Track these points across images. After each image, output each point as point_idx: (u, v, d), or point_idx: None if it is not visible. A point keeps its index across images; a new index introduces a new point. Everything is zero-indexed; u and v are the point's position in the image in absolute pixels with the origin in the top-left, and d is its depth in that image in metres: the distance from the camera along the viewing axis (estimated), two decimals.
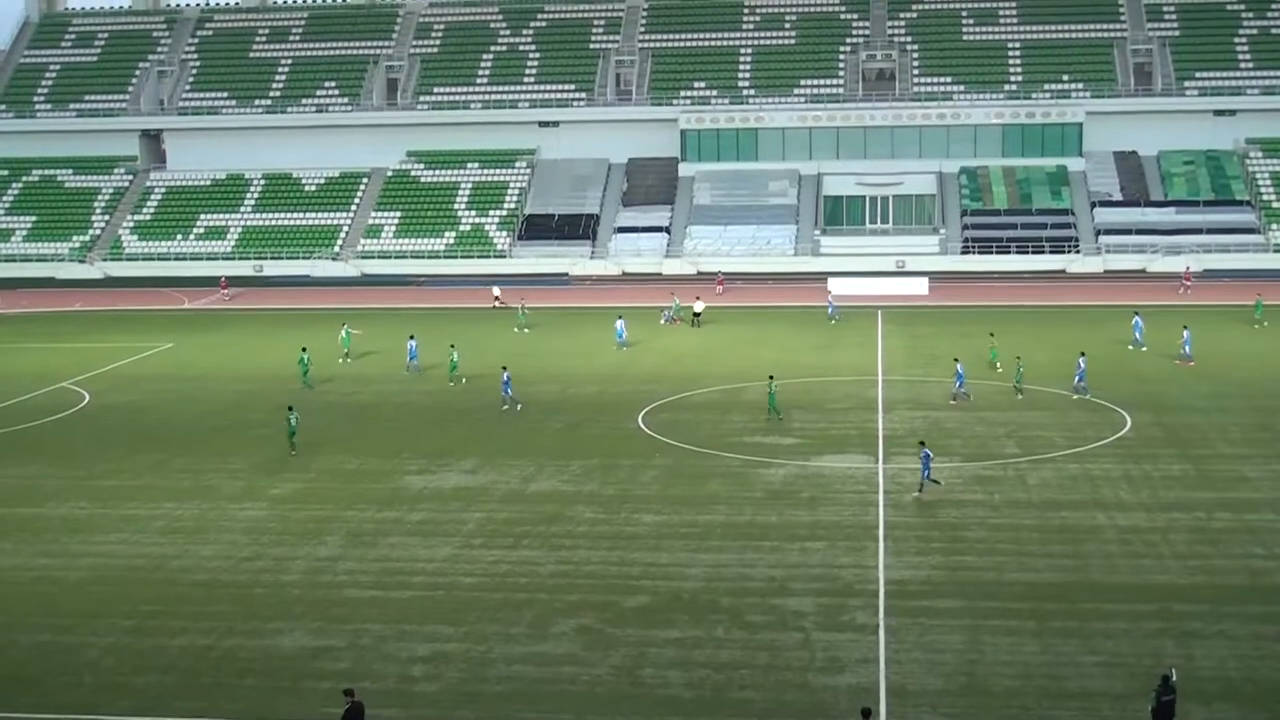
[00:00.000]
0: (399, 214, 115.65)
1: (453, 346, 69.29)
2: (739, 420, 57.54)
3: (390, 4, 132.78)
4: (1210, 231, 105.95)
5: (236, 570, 40.09)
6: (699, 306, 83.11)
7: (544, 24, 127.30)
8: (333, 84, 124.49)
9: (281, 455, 53.13)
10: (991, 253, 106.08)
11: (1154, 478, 47.73)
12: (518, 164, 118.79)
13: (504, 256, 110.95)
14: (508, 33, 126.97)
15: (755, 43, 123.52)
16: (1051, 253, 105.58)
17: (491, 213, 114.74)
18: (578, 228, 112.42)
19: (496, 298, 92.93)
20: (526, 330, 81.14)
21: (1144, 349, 71.49)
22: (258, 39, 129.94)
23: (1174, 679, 28.71)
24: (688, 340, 77.35)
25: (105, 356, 75.10)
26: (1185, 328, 69.94)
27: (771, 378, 58.69)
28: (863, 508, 44.80)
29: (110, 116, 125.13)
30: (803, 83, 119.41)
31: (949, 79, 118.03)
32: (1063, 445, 52.33)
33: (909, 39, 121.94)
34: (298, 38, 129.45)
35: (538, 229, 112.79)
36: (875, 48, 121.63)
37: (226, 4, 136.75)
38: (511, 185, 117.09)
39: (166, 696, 31.65)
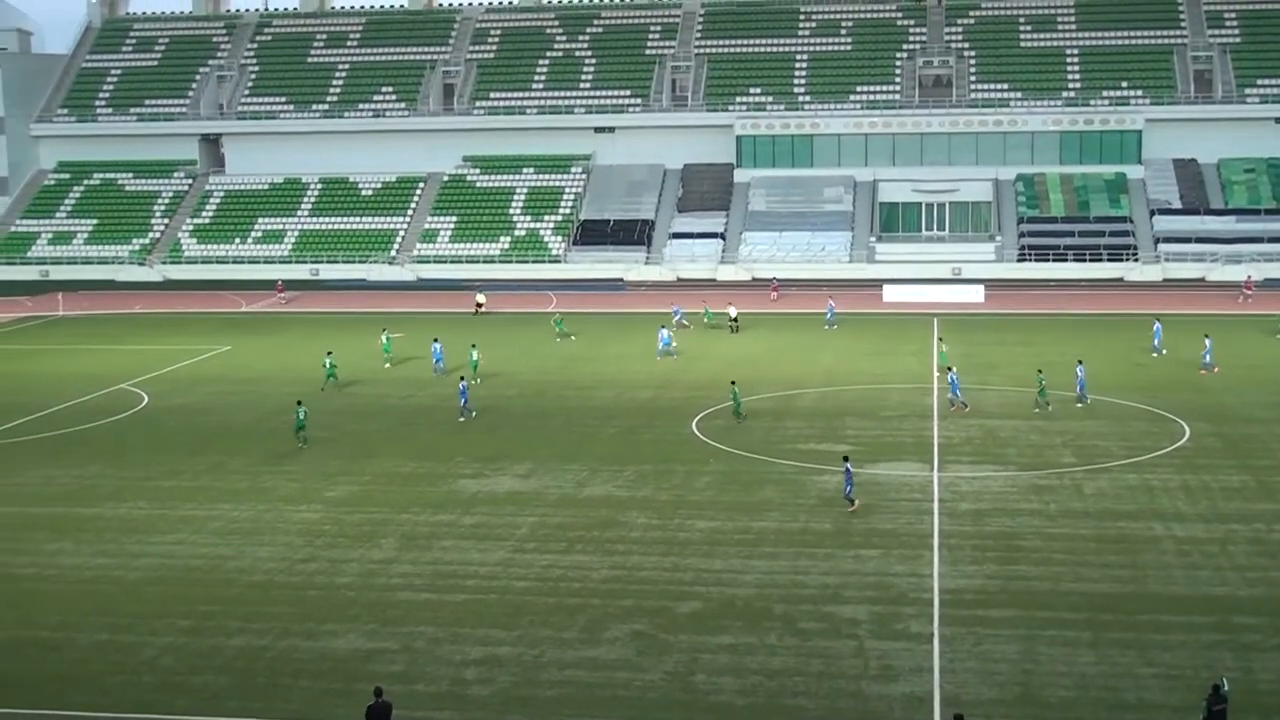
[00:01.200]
0: (455, 219, 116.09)
1: (474, 346, 69.60)
2: (793, 427, 57.42)
3: (447, 9, 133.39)
4: (1271, 240, 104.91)
5: (292, 572, 40.32)
6: (733, 312, 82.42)
7: (600, 29, 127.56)
8: (390, 89, 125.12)
9: (341, 457, 53.44)
10: (1048, 260, 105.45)
11: (1213, 488, 47.29)
12: (573, 169, 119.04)
13: (559, 262, 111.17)
14: (564, 38, 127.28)
15: (811, 49, 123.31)
16: (1109, 261, 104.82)
17: (547, 218, 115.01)
18: (633, 233, 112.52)
19: (479, 304, 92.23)
20: (572, 338, 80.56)
21: (1163, 353, 71.40)
22: (316, 44, 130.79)
23: (1225, 689, 28.44)
24: (742, 347, 77.21)
25: (164, 359, 75.72)
26: (1206, 336, 69.37)
27: (734, 383, 60.62)
28: (917, 516, 44.59)
29: (170, 121, 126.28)
30: (859, 89, 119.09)
31: (1006, 85, 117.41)
32: (1120, 455, 51.92)
33: (966, 45, 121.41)
34: (355, 43, 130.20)
35: (593, 234, 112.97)
36: (932, 54, 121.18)
37: (285, 9, 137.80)
38: (567, 190, 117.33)
39: (222, 696, 31.87)
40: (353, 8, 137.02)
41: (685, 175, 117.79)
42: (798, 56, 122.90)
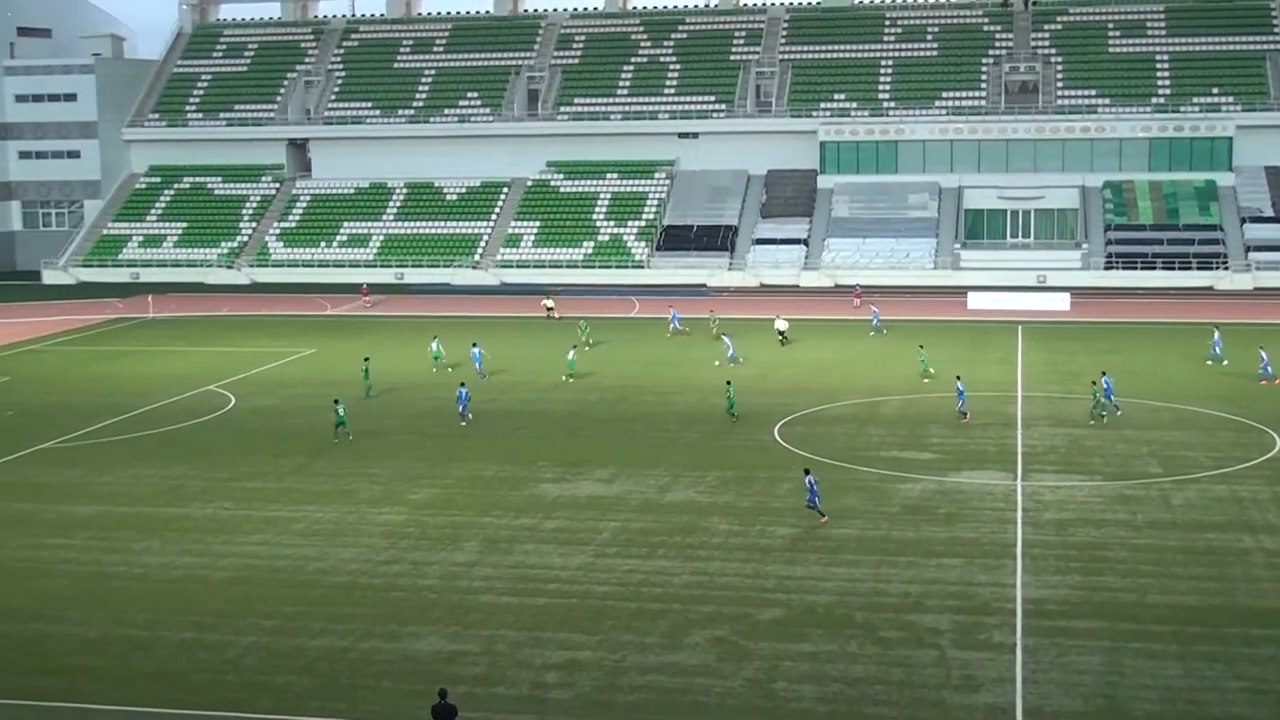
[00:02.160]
0: (538, 223, 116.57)
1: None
2: (876, 434, 57.14)
3: (533, 15, 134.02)
4: None
5: (374, 574, 40.59)
6: (782, 324, 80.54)
7: (684, 35, 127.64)
8: (475, 94, 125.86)
9: (424, 460, 53.81)
10: (1136, 268, 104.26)
11: None
12: (657, 175, 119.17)
13: (642, 267, 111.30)
14: (649, 44, 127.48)
15: (896, 54, 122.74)
16: (1199, 269, 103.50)
17: (630, 223, 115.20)
18: (716, 239, 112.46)
19: (549, 309, 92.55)
20: (588, 345, 79.54)
21: (1225, 363, 70.54)
22: (402, 49, 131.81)
23: None
24: (824, 353, 76.95)
25: (250, 361, 76.54)
26: (1262, 349, 68.28)
27: (729, 383, 62.19)
28: (1001, 525, 44.21)
29: (258, 125, 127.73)
30: (944, 95, 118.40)
31: (1094, 91, 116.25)
32: (1209, 465, 51.23)
33: (1053, 51, 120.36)
34: (441, 49, 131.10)
35: (676, 240, 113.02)
36: (1018, 60, 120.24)
37: (372, 15, 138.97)
38: (650, 196, 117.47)
39: (305, 696, 32.11)
40: (439, 14, 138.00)
41: (769, 181, 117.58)
42: (883, 62, 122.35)
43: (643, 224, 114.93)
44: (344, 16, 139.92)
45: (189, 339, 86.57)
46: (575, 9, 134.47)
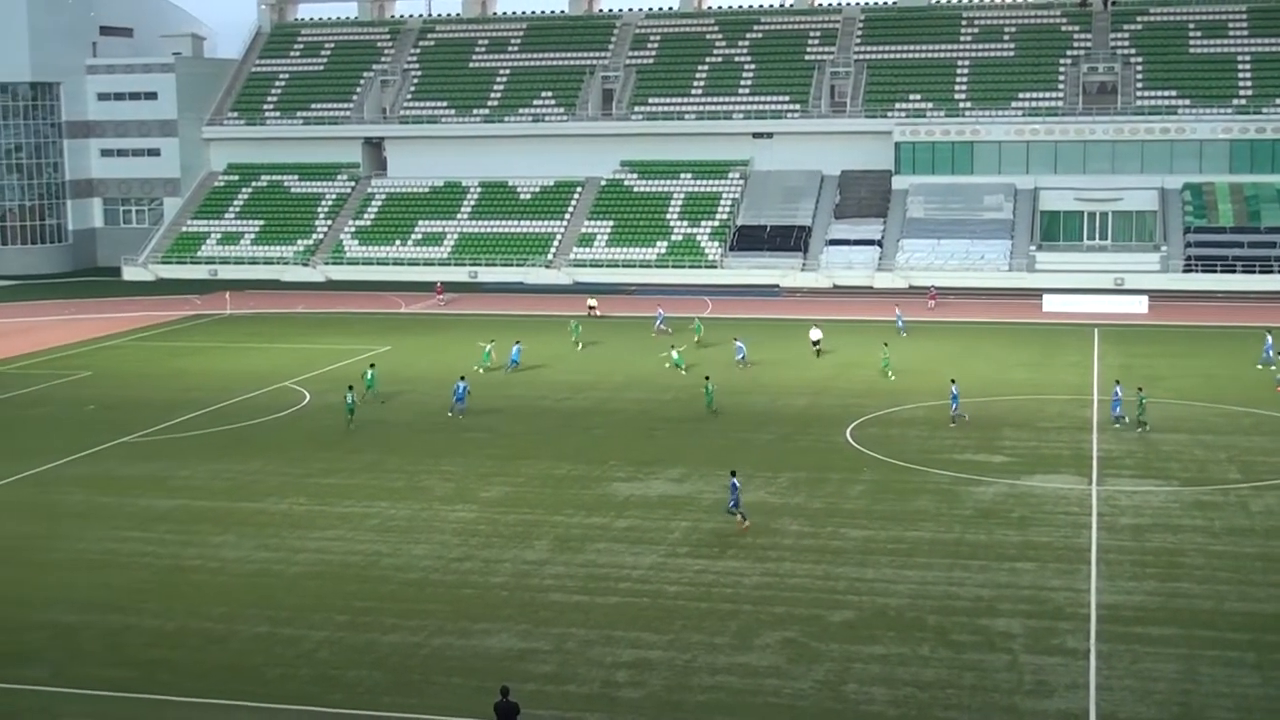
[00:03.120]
0: (612, 223, 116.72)
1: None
2: (949, 437, 56.83)
3: (607, 15, 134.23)
4: None
5: (446, 570, 40.84)
6: (816, 335, 77.23)
7: (759, 35, 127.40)
8: (549, 94, 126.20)
9: (496, 458, 54.07)
10: (1216, 271, 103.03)
11: None
12: (730, 175, 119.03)
13: (715, 267, 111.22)
14: (723, 44, 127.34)
15: (973, 54, 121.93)
16: None
17: (703, 223, 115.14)
18: (789, 239, 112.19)
19: (592, 307, 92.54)
20: (579, 346, 79.33)
21: (1273, 368, 69.63)
22: (477, 49, 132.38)
23: None
24: (897, 355, 76.47)
25: (325, 357, 77.15)
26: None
27: (708, 378, 63.27)
28: (1075, 530, 43.87)
29: (335, 124, 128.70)
30: (1021, 95, 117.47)
31: (1174, 92, 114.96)
32: None
33: (1133, 51, 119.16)
34: (516, 48, 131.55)
35: (749, 240, 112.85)
36: (1097, 60, 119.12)
37: (448, 15, 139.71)
38: (724, 196, 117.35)
39: (377, 691, 32.36)
40: (514, 13, 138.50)
41: (843, 181, 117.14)
42: (959, 62, 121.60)
43: (716, 224, 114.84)
44: (420, 16, 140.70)
45: (265, 336, 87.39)
46: (650, 9, 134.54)
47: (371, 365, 68.43)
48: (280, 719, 31.14)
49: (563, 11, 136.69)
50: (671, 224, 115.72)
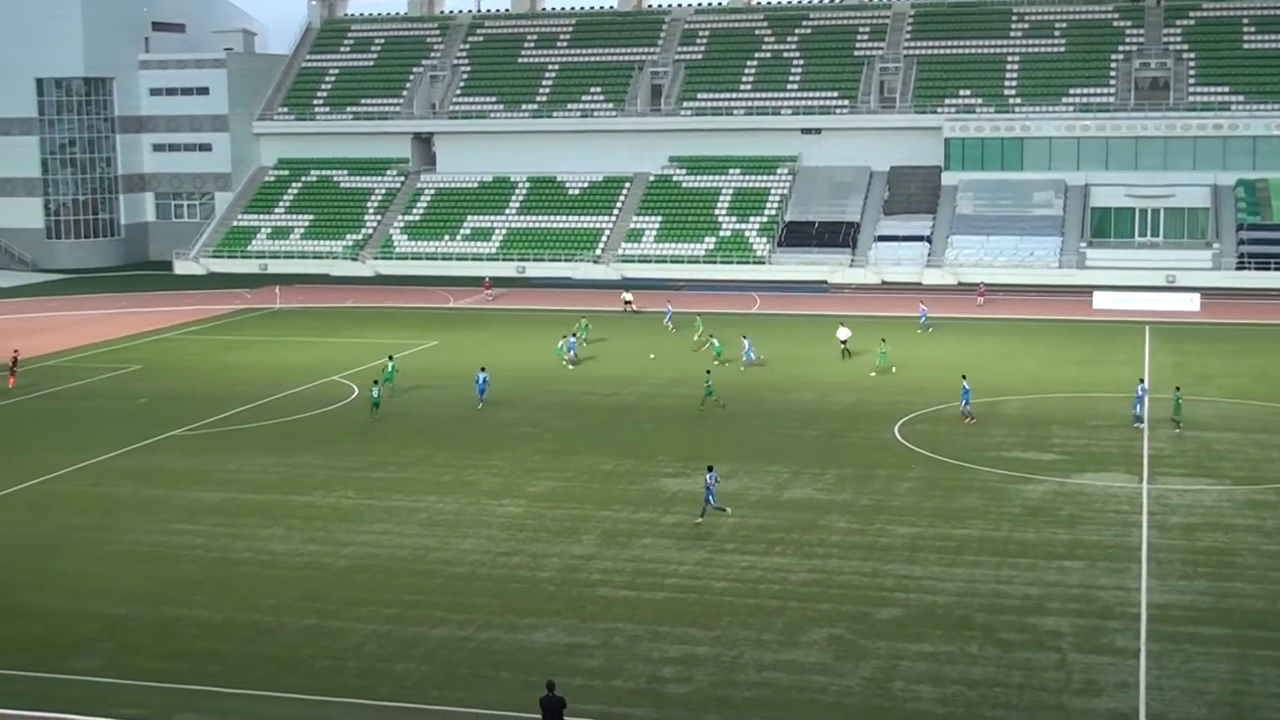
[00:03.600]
0: (660, 218, 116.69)
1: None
2: (997, 434, 56.52)
3: (656, 10, 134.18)
4: None
5: (494, 565, 40.91)
6: (844, 334, 74.95)
7: (808, 31, 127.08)
8: (598, 89, 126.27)
9: (544, 452, 54.18)
10: (1269, 269, 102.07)
11: None
12: (779, 170, 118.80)
13: (763, 263, 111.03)
14: (772, 39, 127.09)
15: (1023, 50, 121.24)
16: None
17: (752, 219, 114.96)
18: (838, 235, 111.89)
19: (628, 302, 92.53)
20: (585, 343, 78.48)
21: None
22: (526, 44, 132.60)
23: None
24: (947, 352, 76.26)
25: (374, 352, 77.36)
26: None
27: (709, 371, 63.79)
28: (1125, 528, 43.55)
29: (384, 120, 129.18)
30: (1071, 91, 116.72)
31: (1227, 88, 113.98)
32: None
33: (1185, 46, 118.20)
34: (565, 43, 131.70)
35: (798, 236, 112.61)
36: (1149, 56, 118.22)
37: (497, 10, 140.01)
38: (772, 192, 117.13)
39: (424, 685, 32.44)
40: (563, 9, 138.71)
41: (892, 177, 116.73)
42: (1009, 58, 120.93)
43: (764, 220, 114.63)
44: (469, 11, 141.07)
45: (314, 330, 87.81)
46: (699, 4, 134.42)
47: (390, 358, 68.26)
48: (328, 711, 31.28)
49: (612, 7, 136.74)
50: (720, 220, 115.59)
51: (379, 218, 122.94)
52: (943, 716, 30.49)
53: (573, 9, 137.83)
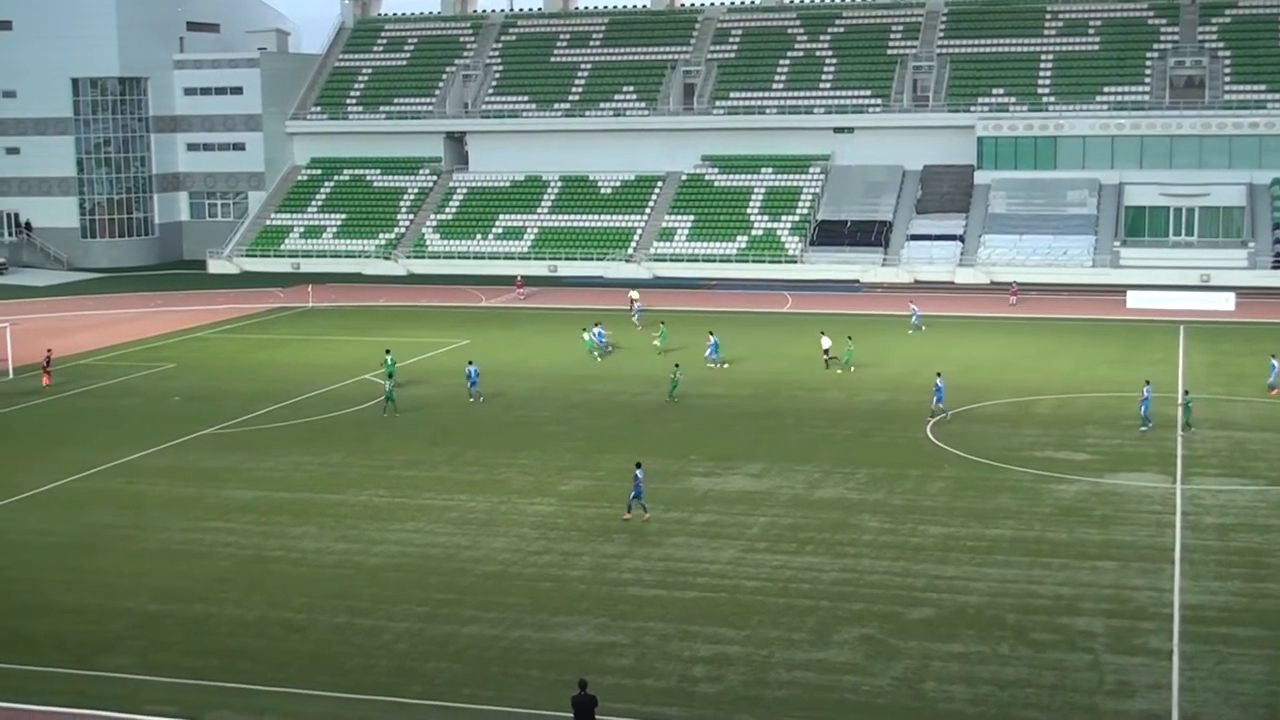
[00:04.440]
0: (692, 218, 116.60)
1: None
2: (1030, 434, 56.30)
3: (689, 9, 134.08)
4: None
5: (525, 563, 40.95)
6: (826, 342, 72.13)
7: (841, 29, 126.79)
8: (630, 88, 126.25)
9: (575, 451, 54.25)
10: None
11: None
12: (812, 169, 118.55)
13: (795, 262, 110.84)
14: (805, 38, 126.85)
15: (1057, 48, 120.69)
16: None
17: (784, 218, 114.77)
18: (870, 234, 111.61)
19: (634, 299, 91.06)
20: (598, 356, 76.56)
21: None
22: (559, 44, 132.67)
23: None
24: (979, 351, 76.02)
25: (406, 350, 77.51)
26: (1274, 356, 65.02)
27: (677, 365, 65.90)
28: (1158, 529, 43.33)
29: (417, 119, 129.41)
30: (1106, 89, 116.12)
31: (1264, 86, 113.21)
32: None
33: (1221, 44, 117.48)
34: (598, 43, 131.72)
35: (830, 235, 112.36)
36: (1184, 54, 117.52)
37: (530, 9, 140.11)
38: (805, 190, 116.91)
39: (455, 683, 32.48)
40: (596, 8, 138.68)
41: (924, 176, 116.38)
42: (1043, 56, 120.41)
43: (797, 219, 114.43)
44: (502, 11, 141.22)
45: (346, 329, 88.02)
46: (732, 3, 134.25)
47: (388, 351, 68.53)
48: (360, 709, 31.35)
49: (644, 6, 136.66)
50: (752, 219, 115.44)
51: (411, 217, 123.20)
52: (974, 717, 30.40)
53: (605, 8, 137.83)
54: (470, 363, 66.16)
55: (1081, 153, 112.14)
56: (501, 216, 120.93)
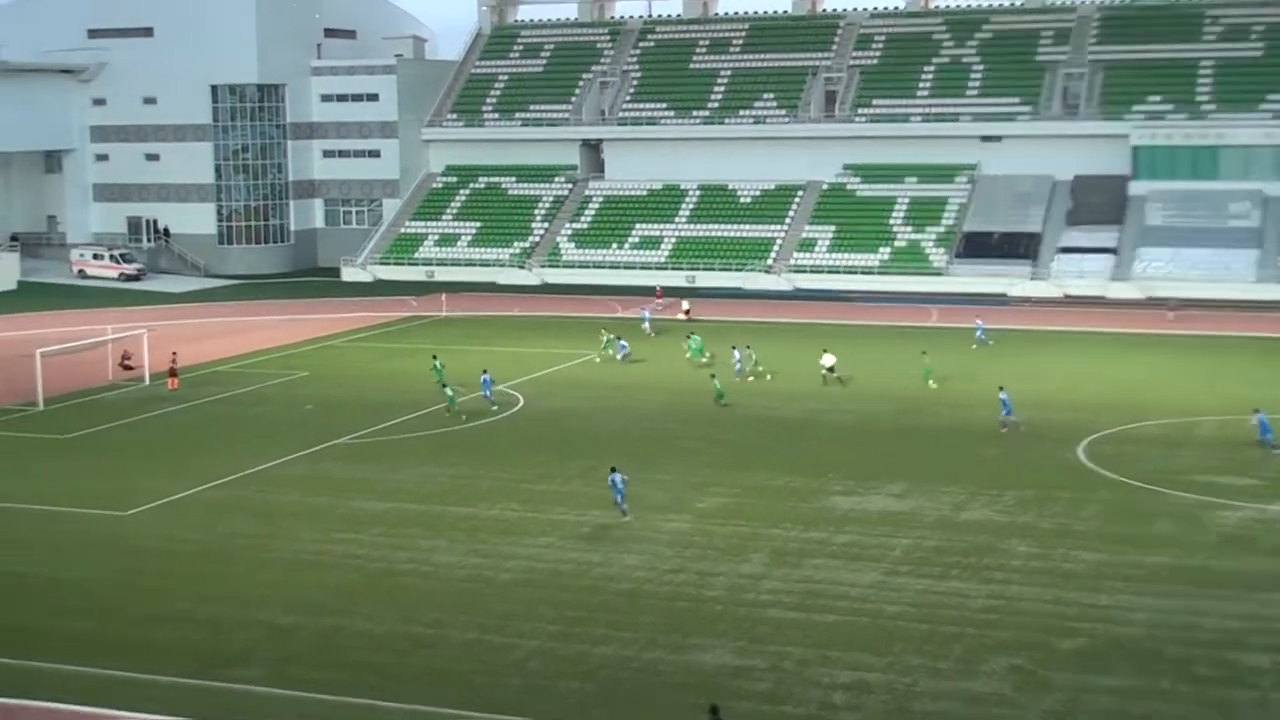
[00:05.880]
0: (834, 228, 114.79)
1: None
2: (1189, 456, 54.00)
3: (831, 15, 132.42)
4: None
5: (659, 582, 39.97)
6: (828, 360, 70.03)
7: (989, 35, 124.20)
8: (770, 95, 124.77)
9: (712, 467, 53.25)
10: None
11: None
12: (957, 179, 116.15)
13: (940, 274, 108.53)
14: (951, 44, 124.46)
15: (1217, 54, 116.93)
16: None
17: (929, 229, 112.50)
18: (1018, 247, 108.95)
19: (686, 310, 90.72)
20: (597, 360, 76.53)
21: None
22: (698, 50, 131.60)
23: None
24: (1134, 369, 73.49)
25: (540, 361, 76.93)
26: None
27: (713, 375, 66.20)
28: None
29: (553, 126, 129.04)
30: (1269, 97, 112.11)
31: None
32: None
33: None
34: (738, 49, 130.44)
35: (976, 247, 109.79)
36: None
37: (669, 16, 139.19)
38: (950, 201, 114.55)
39: (587, 704, 31.76)
40: (736, 14, 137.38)
41: (1075, 187, 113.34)
42: (1202, 63, 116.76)
43: (942, 230, 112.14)
44: (640, 17, 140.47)
45: (480, 338, 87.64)
46: (875, 8, 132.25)
47: (435, 357, 69.73)
48: None
49: (785, 11, 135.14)
50: (895, 229, 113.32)
51: (546, 225, 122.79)
52: None
53: (745, 14, 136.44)
54: (485, 371, 65.45)
55: (1244, 163, 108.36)
56: (638, 226, 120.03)
